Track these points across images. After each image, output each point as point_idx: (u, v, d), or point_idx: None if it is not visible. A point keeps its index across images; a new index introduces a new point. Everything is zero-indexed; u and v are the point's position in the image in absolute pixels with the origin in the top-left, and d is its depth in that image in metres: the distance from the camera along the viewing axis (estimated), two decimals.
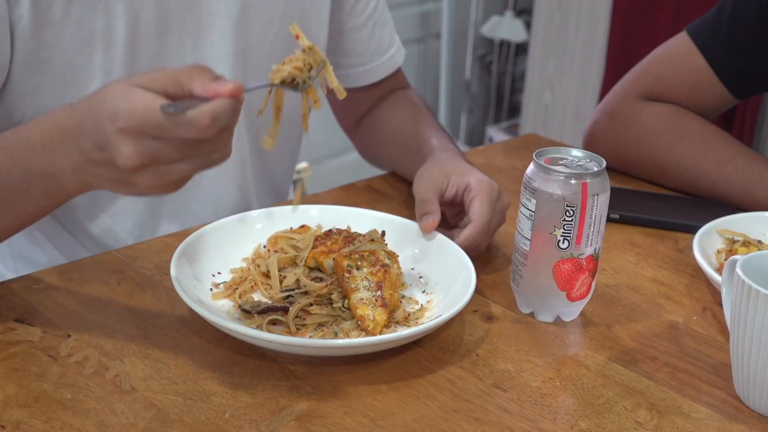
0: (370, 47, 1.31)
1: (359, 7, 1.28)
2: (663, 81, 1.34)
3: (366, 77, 1.33)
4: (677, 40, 1.34)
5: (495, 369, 0.89)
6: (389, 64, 1.34)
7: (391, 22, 1.34)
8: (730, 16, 1.28)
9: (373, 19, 1.30)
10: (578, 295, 0.95)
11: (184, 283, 0.91)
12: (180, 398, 0.82)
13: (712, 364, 0.92)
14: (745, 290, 0.81)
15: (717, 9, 1.30)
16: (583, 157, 0.95)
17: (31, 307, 0.93)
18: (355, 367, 0.87)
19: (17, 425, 0.77)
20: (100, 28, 1.04)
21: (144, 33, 1.07)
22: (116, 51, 1.05)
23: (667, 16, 2.63)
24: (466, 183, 1.06)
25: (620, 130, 1.35)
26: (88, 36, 1.03)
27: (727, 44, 1.28)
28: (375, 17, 1.30)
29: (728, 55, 1.28)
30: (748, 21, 1.26)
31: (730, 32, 1.28)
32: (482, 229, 1.03)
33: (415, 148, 1.21)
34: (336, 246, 0.98)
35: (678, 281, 1.08)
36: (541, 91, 2.99)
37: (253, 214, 1.07)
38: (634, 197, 1.28)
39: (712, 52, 1.29)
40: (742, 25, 1.27)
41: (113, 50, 1.05)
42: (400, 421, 0.81)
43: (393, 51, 1.34)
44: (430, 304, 0.97)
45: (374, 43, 1.31)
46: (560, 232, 0.92)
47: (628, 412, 0.84)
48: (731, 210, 1.23)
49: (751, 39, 1.26)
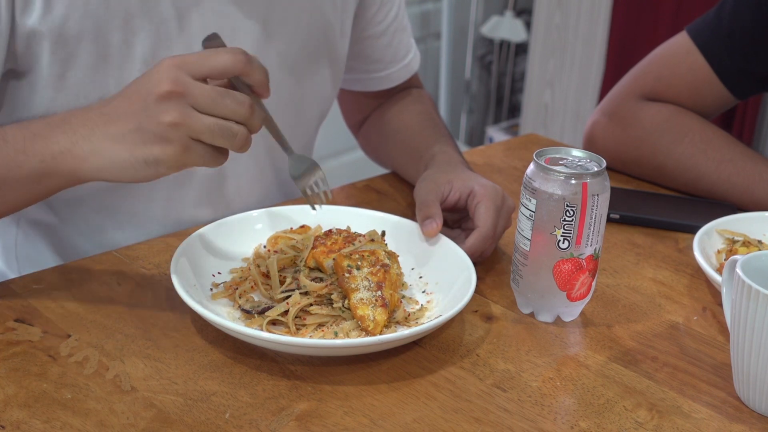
0: (389, 54, 1.31)
1: (380, 16, 1.27)
2: (663, 81, 1.33)
3: (383, 83, 1.33)
4: (677, 40, 1.34)
5: (495, 369, 0.89)
6: (406, 70, 1.34)
7: (409, 28, 1.34)
8: (730, 16, 1.28)
9: (393, 27, 1.29)
10: (578, 295, 0.95)
11: (184, 283, 0.91)
12: (180, 398, 0.82)
13: (712, 364, 0.92)
14: (745, 290, 0.81)
15: (717, 9, 1.30)
16: (583, 157, 0.95)
17: (31, 307, 0.93)
18: (355, 367, 0.87)
19: (17, 425, 0.77)
20: (116, 44, 1.02)
21: (163, 50, 1.04)
22: (133, 68, 1.03)
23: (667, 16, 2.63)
24: (469, 188, 1.06)
25: (620, 131, 1.35)
26: (104, 52, 1.02)
27: (727, 44, 1.28)
28: (395, 25, 1.29)
29: (728, 55, 1.28)
30: (748, 21, 1.26)
31: (731, 32, 1.28)
32: (488, 234, 1.02)
33: (419, 153, 1.21)
34: (336, 246, 0.98)
35: (678, 281, 1.08)
36: (541, 91, 2.99)
37: (253, 214, 1.07)
38: (634, 197, 1.28)
39: (712, 52, 1.29)
40: (742, 26, 1.26)
41: (130, 67, 1.03)
42: (400, 421, 0.81)
43: (410, 57, 1.34)
44: (430, 304, 0.97)
45: (393, 50, 1.31)
46: (560, 232, 0.92)
47: (628, 412, 0.84)
48: (731, 210, 1.23)
49: (751, 39, 1.26)
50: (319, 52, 1.19)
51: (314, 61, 1.19)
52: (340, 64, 1.24)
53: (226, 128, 0.84)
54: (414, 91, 1.36)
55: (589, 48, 2.83)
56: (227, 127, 0.84)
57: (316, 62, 1.19)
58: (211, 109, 0.83)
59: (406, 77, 1.34)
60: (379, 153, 1.36)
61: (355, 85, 1.34)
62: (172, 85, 0.80)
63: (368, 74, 1.31)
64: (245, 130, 0.86)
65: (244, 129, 0.85)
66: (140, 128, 0.84)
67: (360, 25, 1.26)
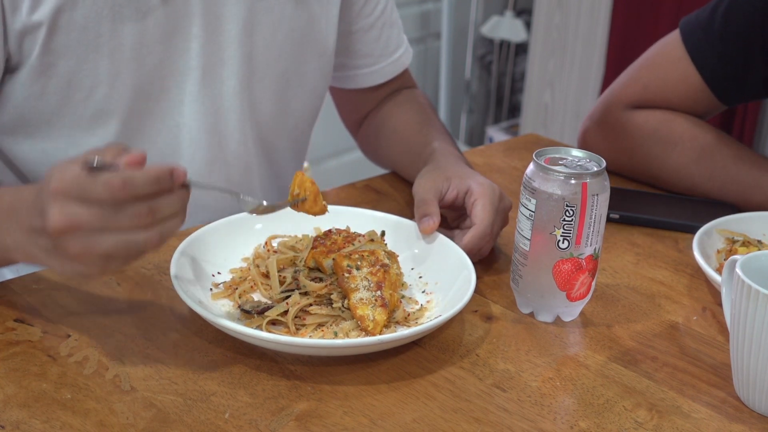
0: (378, 48, 1.31)
1: (368, 9, 1.27)
2: (652, 89, 1.31)
3: (373, 78, 1.33)
4: (669, 43, 1.31)
5: (495, 369, 0.89)
6: (396, 65, 1.34)
7: (399, 23, 1.34)
8: (722, 19, 1.25)
9: (382, 21, 1.29)
10: (578, 295, 0.95)
11: (184, 283, 0.92)
12: (180, 398, 0.82)
13: (712, 364, 0.92)
14: (745, 290, 0.81)
15: (712, 9, 1.27)
16: (583, 157, 0.95)
17: (31, 307, 0.93)
18: (355, 367, 0.87)
19: (17, 425, 0.77)
20: (106, 33, 1.03)
21: (151, 37, 1.06)
22: (123, 56, 1.05)
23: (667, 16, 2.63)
24: (467, 186, 1.06)
25: (611, 140, 1.34)
26: (94, 42, 1.03)
27: (718, 48, 1.25)
28: (383, 19, 1.29)
29: (719, 61, 1.26)
30: (742, 26, 1.24)
31: (722, 36, 1.25)
32: (485, 232, 1.02)
33: (417, 151, 1.21)
34: (335, 246, 0.98)
35: (678, 281, 1.08)
36: (541, 91, 2.99)
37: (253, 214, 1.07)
38: (634, 197, 1.28)
39: (703, 58, 1.27)
40: (735, 30, 1.24)
41: (120, 56, 1.05)
42: (399, 421, 0.81)
43: (401, 52, 1.34)
44: (430, 304, 0.97)
45: (382, 44, 1.31)
46: (560, 232, 0.92)
47: (628, 412, 0.84)
48: (731, 210, 1.23)
49: (740, 46, 1.24)
50: (305, 43, 1.19)
51: (300, 52, 1.19)
52: (328, 56, 1.24)
53: (129, 244, 0.79)
54: (409, 90, 1.37)
55: (589, 48, 2.83)
56: (130, 244, 0.79)
57: (302, 53, 1.20)
58: (107, 232, 0.78)
59: (396, 72, 1.34)
60: (378, 153, 1.36)
61: (346, 83, 1.34)
62: (64, 220, 0.77)
63: (358, 69, 1.32)
64: (146, 238, 0.79)
65: (144, 238, 0.79)
66: (54, 253, 0.81)
67: (347, 18, 1.26)
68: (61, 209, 0.77)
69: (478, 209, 1.03)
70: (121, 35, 1.04)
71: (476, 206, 1.03)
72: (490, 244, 1.06)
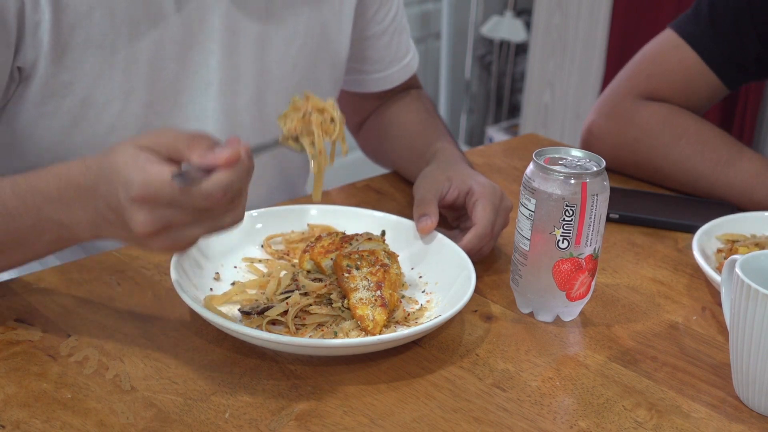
0: (389, 55, 1.31)
1: (380, 16, 1.27)
2: (655, 78, 1.34)
3: (382, 83, 1.33)
4: (663, 36, 1.36)
5: (495, 369, 0.89)
6: (406, 71, 1.34)
7: (407, 28, 1.34)
8: (708, 7, 1.30)
9: (393, 27, 1.29)
10: (578, 294, 0.95)
11: (184, 283, 0.92)
12: (180, 398, 0.82)
13: (712, 364, 0.92)
14: (745, 290, 0.81)
15: (696, 3, 1.33)
16: (583, 156, 0.95)
17: (31, 307, 0.93)
18: (355, 367, 0.87)
19: (17, 425, 0.77)
20: (122, 50, 1.02)
21: (167, 54, 1.05)
22: (139, 71, 1.04)
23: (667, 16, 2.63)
24: (468, 187, 1.06)
25: (617, 132, 1.35)
26: (109, 58, 1.02)
27: (710, 31, 1.30)
28: (394, 25, 1.29)
29: (713, 42, 1.30)
30: (727, 8, 1.28)
31: (712, 20, 1.30)
32: (485, 232, 1.02)
33: (419, 151, 1.21)
34: (333, 246, 0.98)
35: (677, 281, 1.08)
36: (541, 91, 2.99)
37: (253, 214, 1.07)
38: (634, 197, 1.28)
39: (699, 41, 1.31)
40: (722, 12, 1.29)
41: (135, 70, 1.04)
42: (399, 421, 0.81)
43: (409, 57, 1.34)
44: (430, 304, 0.97)
45: (392, 50, 1.31)
46: (560, 232, 0.92)
47: (628, 411, 0.84)
48: (731, 210, 1.23)
49: (731, 25, 1.28)
50: (319, 53, 1.19)
51: (313, 63, 1.19)
52: (340, 65, 1.24)
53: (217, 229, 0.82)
54: (416, 91, 1.36)
55: (589, 48, 2.83)
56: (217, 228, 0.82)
57: (316, 63, 1.20)
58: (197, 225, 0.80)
59: (405, 78, 1.34)
60: (379, 153, 1.36)
61: (354, 86, 1.34)
62: (153, 226, 0.78)
63: (368, 75, 1.31)
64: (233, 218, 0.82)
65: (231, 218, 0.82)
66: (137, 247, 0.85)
67: (360, 25, 1.26)
68: (150, 215, 0.77)
69: (479, 209, 1.03)
70: (138, 51, 1.03)
71: (477, 206, 1.03)
72: (491, 245, 1.06)
